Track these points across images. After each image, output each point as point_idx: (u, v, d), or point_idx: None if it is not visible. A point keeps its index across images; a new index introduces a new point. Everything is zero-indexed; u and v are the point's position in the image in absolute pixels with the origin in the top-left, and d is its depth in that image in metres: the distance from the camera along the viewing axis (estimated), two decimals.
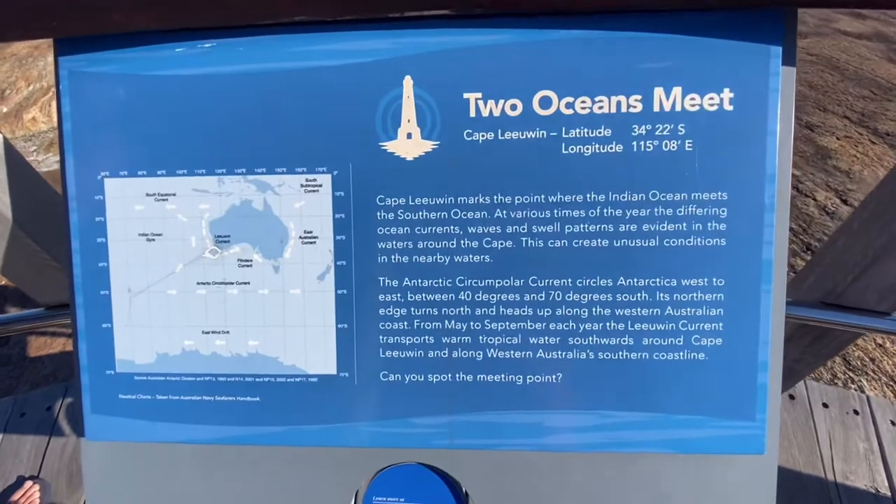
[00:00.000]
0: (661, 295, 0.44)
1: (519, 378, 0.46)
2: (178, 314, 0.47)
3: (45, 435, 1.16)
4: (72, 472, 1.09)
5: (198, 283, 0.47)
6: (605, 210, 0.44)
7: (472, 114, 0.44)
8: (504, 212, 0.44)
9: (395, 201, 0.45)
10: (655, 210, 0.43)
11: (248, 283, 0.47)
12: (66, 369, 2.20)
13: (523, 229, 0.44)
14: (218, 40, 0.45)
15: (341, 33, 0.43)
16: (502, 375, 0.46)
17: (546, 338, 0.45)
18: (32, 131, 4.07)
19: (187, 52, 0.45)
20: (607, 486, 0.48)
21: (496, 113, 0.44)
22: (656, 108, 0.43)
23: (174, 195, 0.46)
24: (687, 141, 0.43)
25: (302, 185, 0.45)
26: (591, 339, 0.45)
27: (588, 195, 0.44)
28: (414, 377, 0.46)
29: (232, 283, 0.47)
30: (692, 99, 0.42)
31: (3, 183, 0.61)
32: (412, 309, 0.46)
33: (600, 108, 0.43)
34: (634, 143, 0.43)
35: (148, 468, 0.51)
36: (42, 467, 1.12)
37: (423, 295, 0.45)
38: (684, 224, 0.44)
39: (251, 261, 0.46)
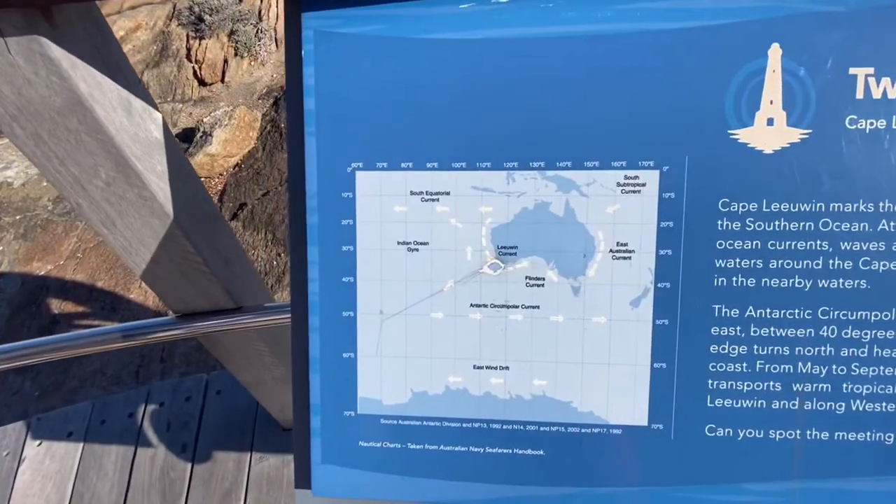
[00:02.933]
0: None
1: (890, 437, 0.35)
2: (443, 344, 0.37)
3: (131, 445, 1.08)
4: (164, 488, 1.01)
5: (471, 306, 0.37)
6: None
7: (860, 95, 0.33)
8: (892, 224, 0.34)
9: (743, 207, 0.35)
10: None
11: (538, 307, 0.37)
12: (115, 365, 2.13)
13: None
14: None
15: None
16: (869, 433, 0.36)
17: None
18: None
19: (476, 9, 0.35)
20: None
21: (892, 94, 0.33)
22: None
23: (447, 194, 0.36)
24: None
25: (619, 185, 0.35)
26: None
27: None
28: (750, 433, 0.36)
29: (517, 307, 0.37)
30: None
31: (163, 173, 0.51)
32: (755, 347, 0.35)
33: None
34: None
35: None
36: (130, 482, 1.03)
37: (772, 329, 0.35)
38: None
39: (543, 279, 0.36)
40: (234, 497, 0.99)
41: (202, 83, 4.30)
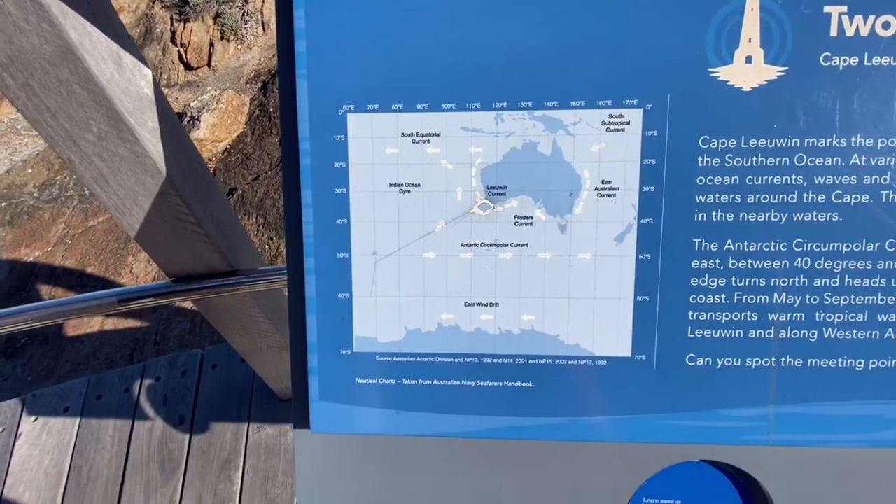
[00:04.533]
0: None
1: (860, 363, 0.38)
2: (435, 282, 0.39)
3: (128, 419, 1.09)
4: (163, 459, 1.02)
5: (462, 245, 0.38)
6: None
7: (834, 32, 0.35)
8: (863, 158, 0.35)
9: (723, 143, 0.36)
10: None
11: (526, 245, 0.38)
12: (108, 349, 2.13)
13: (885, 180, 0.36)
14: None
15: None
16: (840, 360, 0.38)
17: None
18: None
19: None
20: None
21: (864, 32, 0.34)
22: None
23: (438, 136, 0.37)
24: None
25: (604, 123, 0.36)
26: None
27: None
28: (729, 361, 0.38)
29: (506, 246, 0.38)
30: None
31: (155, 130, 0.51)
32: (733, 279, 0.37)
33: None
34: None
35: (381, 466, 0.43)
36: (129, 454, 1.04)
37: (750, 261, 0.37)
38: None
39: (531, 218, 0.38)
40: (233, 465, 1.00)
41: (188, 67, 4.22)
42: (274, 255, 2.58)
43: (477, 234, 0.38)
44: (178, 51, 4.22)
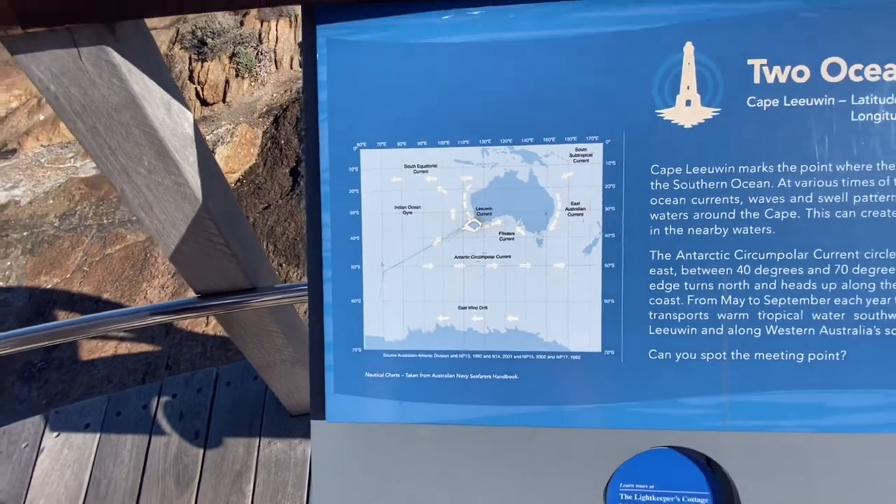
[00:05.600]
0: None
1: (800, 356, 0.44)
2: (433, 289, 0.46)
3: (145, 434, 1.14)
4: (178, 472, 1.07)
5: (456, 258, 0.45)
6: (895, 179, 0.42)
7: (757, 80, 0.42)
8: (788, 181, 0.43)
9: (670, 170, 0.43)
10: None
11: (509, 256, 0.45)
12: (121, 372, 2.19)
13: (808, 199, 0.43)
14: (488, 7, 0.44)
15: (622, 1, 0.43)
16: (782, 353, 0.44)
17: (830, 313, 0.43)
18: (69, 139, 4.12)
19: (456, 20, 0.44)
20: (891, 471, 0.45)
21: (782, 79, 0.42)
22: None
23: (435, 167, 0.45)
24: None
25: (571, 155, 0.44)
26: (878, 314, 0.43)
27: (878, 164, 0.42)
28: (686, 355, 0.44)
29: (492, 257, 0.45)
30: None
31: (194, 165, 0.60)
32: (685, 284, 0.44)
33: (890, 75, 0.42)
34: None
35: (388, 451, 0.48)
36: (146, 468, 1.09)
37: (698, 269, 0.44)
38: None
39: (513, 234, 0.45)
40: (245, 479, 1.05)
41: (204, 103, 4.43)
42: (284, 279, 2.66)
43: (468, 247, 0.45)
44: (196, 88, 4.45)
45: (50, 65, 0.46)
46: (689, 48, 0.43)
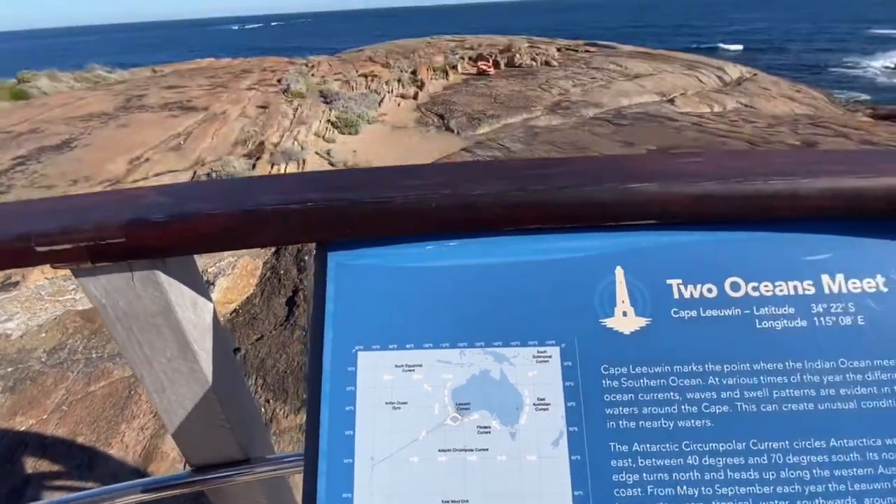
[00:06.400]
0: (871, 454, 0.48)
1: None
2: (419, 482, 0.50)
3: None
4: None
5: (439, 451, 0.51)
6: (804, 377, 0.50)
7: (676, 296, 0.53)
8: (717, 379, 0.51)
9: (617, 370, 0.52)
10: (847, 376, 0.50)
11: (487, 449, 0.51)
12: None
13: (736, 394, 0.50)
14: (461, 240, 0.56)
15: (566, 234, 0.55)
16: None
17: (776, 501, 0.48)
18: None
19: (437, 249, 0.56)
20: None
21: (696, 295, 0.53)
22: (826, 291, 0.53)
23: (420, 366, 0.53)
24: (859, 316, 0.52)
25: (534, 357, 0.53)
26: (817, 501, 0.47)
27: (787, 363, 0.51)
28: None
29: (472, 450, 0.51)
30: (854, 283, 0.53)
31: (210, 350, 0.68)
32: (644, 475, 0.49)
33: (781, 290, 0.53)
34: (815, 318, 0.52)
35: None
36: None
37: (653, 460, 0.49)
38: (875, 388, 0.50)
39: (489, 427, 0.51)
40: None
41: None
42: (270, 417, 2.57)
43: (450, 440, 0.51)
44: None
45: (106, 284, 0.57)
46: (619, 271, 0.54)
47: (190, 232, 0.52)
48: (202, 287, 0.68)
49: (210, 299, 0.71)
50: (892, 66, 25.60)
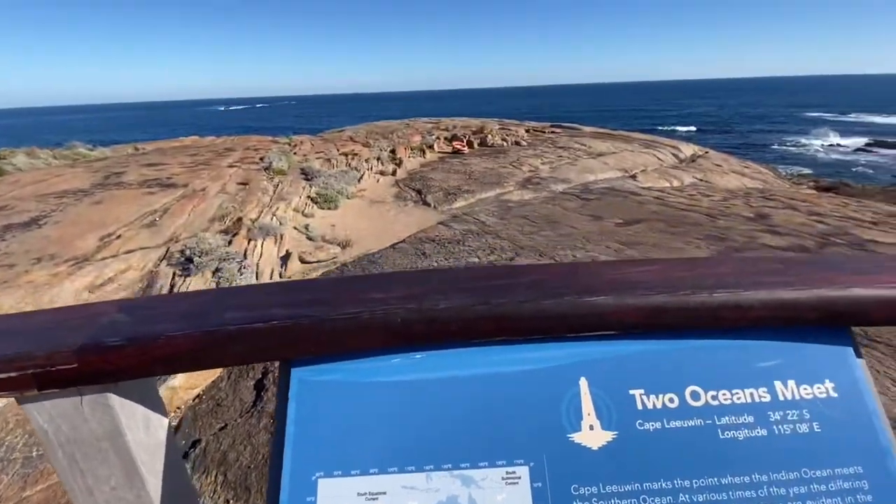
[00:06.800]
0: None
1: None
2: None
3: None
4: None
5: None
6: (770, 489, 0.50)
7: (640, 406, 0.54)
8: (687, 495, 0.50)
9: (588, 490, 0.50)
10: (812, 486, 0.50)
11: None
12: None
13: None
14: (427, 352, 0.57)
15: (529, 345, 0.57)
16: None
17: None
18: None
19: (402, 363, 0.56)
20: None
21: (658, 405, 0.54)
22: (780, 398, 0.54)
23: (384, 493, 0.51)
24: (814, 423, 0.53)
25: (503, 478, 0.51)
26: None
27: (752, 475, 0.51)
28: None
29: None
30: (805, 389, 0.55)
31: (159, 472, 0.63)
32: None
33: (738, 398, 0.54)
34: (774, 427, 0.53)
35: None
36: None
37: None
38: (839, 498, 0.50)
39: None
40: None
41: None
42: None
43: None
44: None
45: (51, 410, 0.54)
46: (583, 382, 0.55)
47: (146, 356, 0.51)
48: (157, 402, 0.64)
49: (165, 414, 0.67)
50: (830, 144, 28.60)
